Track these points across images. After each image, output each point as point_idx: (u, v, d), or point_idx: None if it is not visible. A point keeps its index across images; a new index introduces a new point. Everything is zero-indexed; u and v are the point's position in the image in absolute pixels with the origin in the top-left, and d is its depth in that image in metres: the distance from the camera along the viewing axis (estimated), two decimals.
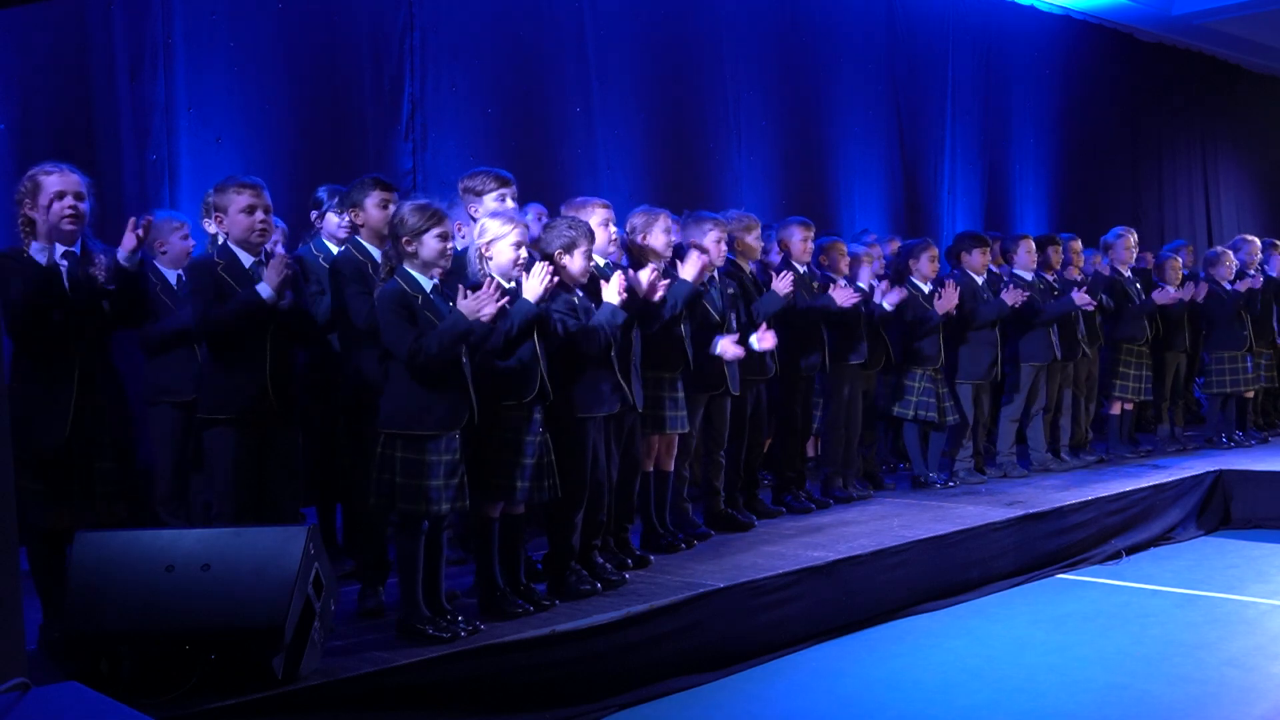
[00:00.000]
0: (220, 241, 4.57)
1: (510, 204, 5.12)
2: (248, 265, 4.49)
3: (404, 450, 4.29)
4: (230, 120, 6.64)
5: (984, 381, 7.72)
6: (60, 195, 4.22)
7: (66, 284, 4.22)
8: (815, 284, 6.88)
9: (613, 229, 5.41)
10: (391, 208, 4.86)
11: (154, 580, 3.76)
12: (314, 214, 5.54)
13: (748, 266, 6.50)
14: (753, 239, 6.49)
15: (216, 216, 4.53)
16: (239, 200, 4.47)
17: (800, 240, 6.79)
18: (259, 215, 4.49)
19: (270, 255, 4.59)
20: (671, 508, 5.98)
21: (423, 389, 4.30)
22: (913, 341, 7.41)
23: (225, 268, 4.46)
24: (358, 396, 4.69)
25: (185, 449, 5.45)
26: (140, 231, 4.29)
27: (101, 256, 4.35)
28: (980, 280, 7.75)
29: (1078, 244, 8.60)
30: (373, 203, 4.88)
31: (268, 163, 6.68)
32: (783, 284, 6.28)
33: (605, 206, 5.42)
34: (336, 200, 5.27)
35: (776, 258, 6.88)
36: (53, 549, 4.30)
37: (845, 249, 7.21)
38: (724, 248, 6.15)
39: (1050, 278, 8.17)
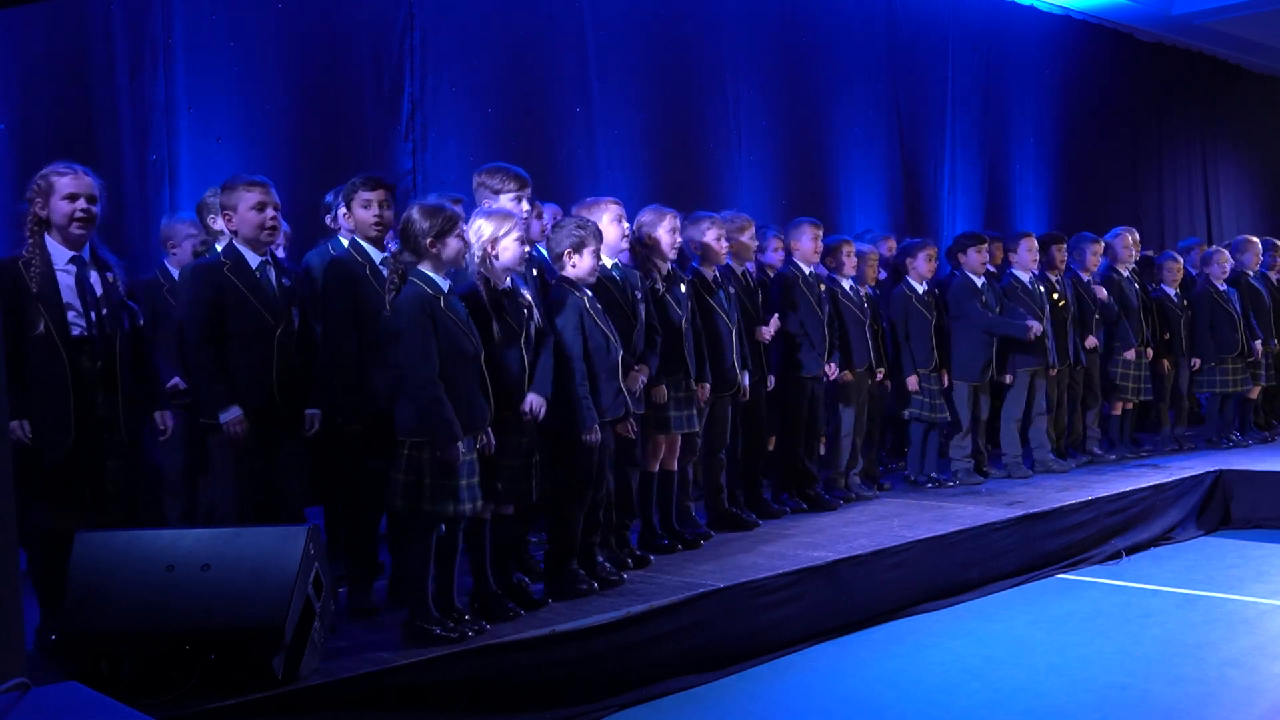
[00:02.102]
0: (212, 241, 4.55)
1: (525, 205, 5.14)
2: (254, 265, 4.47)
3: (436, 451, 4.26)
4: (230, 120, 6.63)
5: (980, 383, 7.71)
6: (72, 197, 4.22)
7: (80, 287, 4.22)
8: (822, 285, 6.88)
9: (625, 226, 5.43)
10: (375, 208, 4.86)
11: (154, 580, 3.76)
12: (327, 218, 5.53)
13: (740, 267, 6.51)
14: (746, 238, 6.49)
15: (225, 214, 4.51)
16: (249, 197, 4.45)
17: (810, 240, 6.80)
18: (269, 212, 4.48)
19: (275, 256, 4.57)
20: (675, 507, 5.98)
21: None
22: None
23: (231, 267, 4.44)
24: (350, 398, 4.70)
25: (190, 448, 5.45)
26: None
27: (114, 273, 4.35)
28: (979, 281, 7.75)
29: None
30: (357, 204, 4.89)
31: (268, 163, 6.67)
32: (767, 331, 6.42)
33: (617, 204, 5.45)
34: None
35: (773, 257, 6.88)
36: (53, 551, 4.29)
37: (854, 249, 7.22)
38: (725, 244, 6.17)
39: (1054, 278, 8.14)
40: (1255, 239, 9.89)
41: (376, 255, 4.79)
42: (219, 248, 5.08)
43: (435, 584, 4.41)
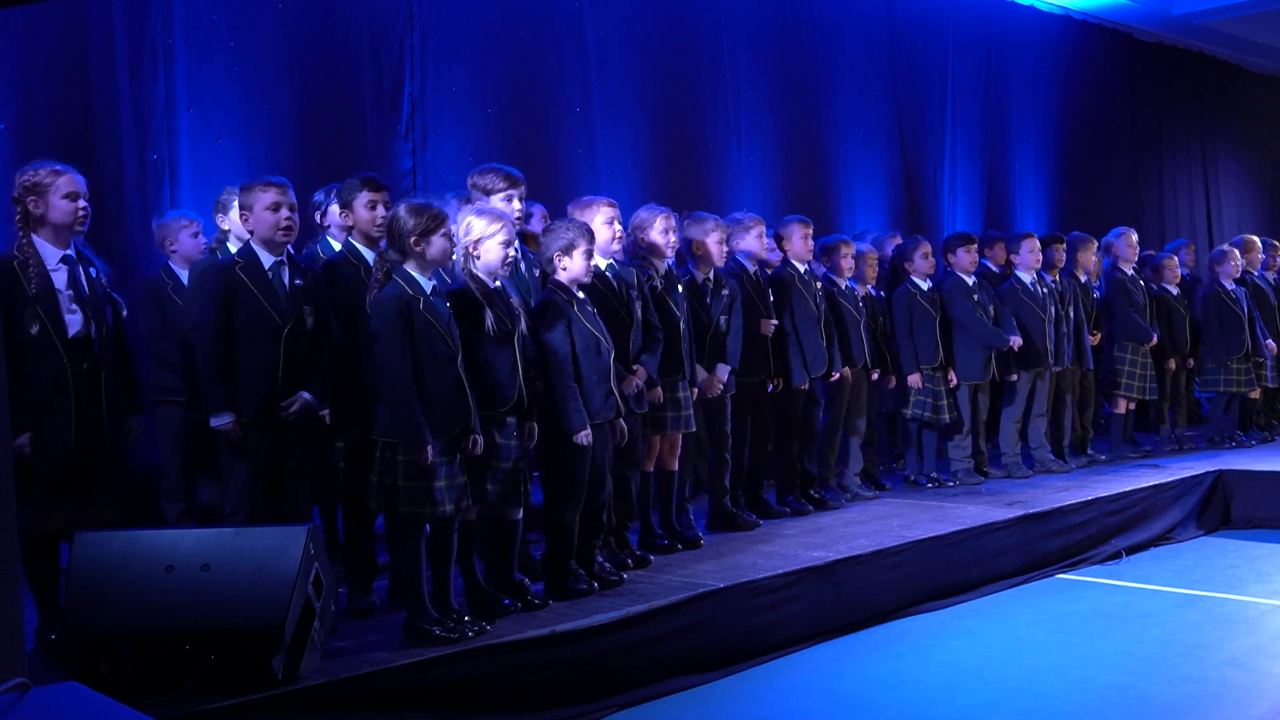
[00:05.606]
0: (225, 239, 4.55)
1: (517, 205, 5.14)
2: (268, 265, 4.46)
3: (406, 453, 4.27)
4: (230, 120, 6.63)
5: (981, 382, 7.71)
6: (73, 196, 4.26)
7: (73, 285, 4.24)
8: (818, 283, 6.87)
9: (618, 227, 5.42)
10: (380, 209, 4.87)
11: (154, 580, 3.77)
12: (316, 215, 5.54)
13: (752, 267, 6.50)
14: (752, 238, 6.49)
15: (243, 214, 4.52)
16: (264, 197, 4.45)
17: (800, 239, 6.79)
18: (284, 213, 4.47)
19: (291, 255, 4.57)
20: (675, 507, 5.98)
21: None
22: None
23: (244, 266, 4.45)
24: (355, 399, 4.70)
25: (190, 448, 5.46)
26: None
27: (96, 269, 4.39)
28: (970, 280, 7.73)
29: (1093, 244, 8.60)
30: (361, 203, 4.89)
31: (268, 163, 6.67)
32: (766, 326, 6.40)
33: (611, 205, 5.42)
34: (335, 196, 5.26)
35: (775, 256, 6.88)
36: (46, 551, 4.29)
37: (854, 249, 7.21)
38: (724, 248, 6.16)
39: (1051, 280, 8.13)
40: (1256, 239, 9.90)
41: (369, 255, 4.80)
42: (232, 248, 5.11)
43: (431, 584, 4.41)
